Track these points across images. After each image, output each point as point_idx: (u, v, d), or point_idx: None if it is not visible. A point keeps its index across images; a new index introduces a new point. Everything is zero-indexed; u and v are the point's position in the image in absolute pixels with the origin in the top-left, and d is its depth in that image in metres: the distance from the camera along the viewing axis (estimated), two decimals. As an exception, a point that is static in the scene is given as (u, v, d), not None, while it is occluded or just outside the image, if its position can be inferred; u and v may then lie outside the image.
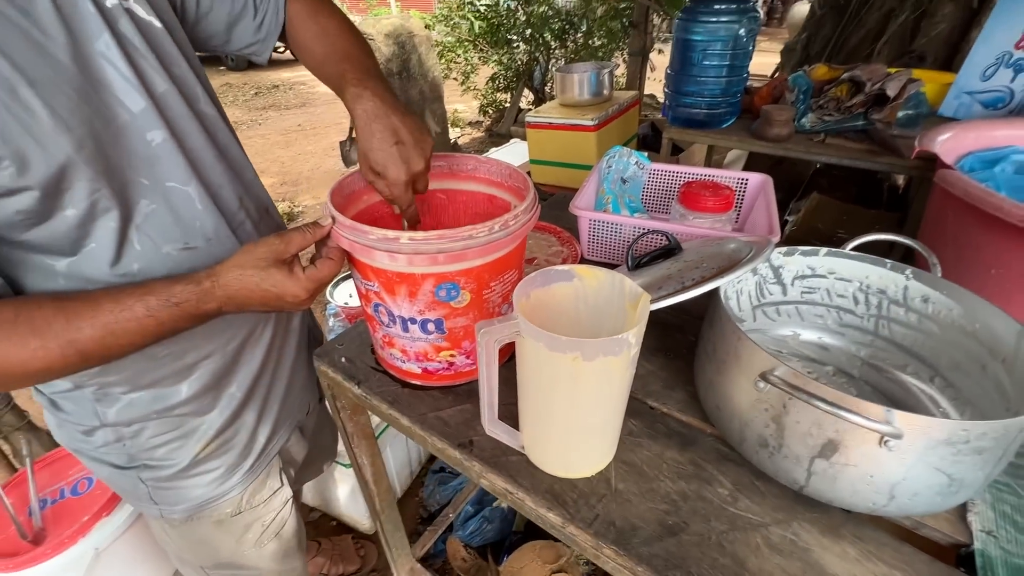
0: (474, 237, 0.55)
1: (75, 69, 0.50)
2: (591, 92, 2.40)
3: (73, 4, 0.50)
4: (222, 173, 0.65)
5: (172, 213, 0.59)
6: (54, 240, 0.52)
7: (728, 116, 1.74)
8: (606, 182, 1.06)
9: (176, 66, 0.60)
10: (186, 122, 0.60)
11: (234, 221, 0.66)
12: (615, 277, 0.53)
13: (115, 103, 0.54)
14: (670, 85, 1.76)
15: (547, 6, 4.57)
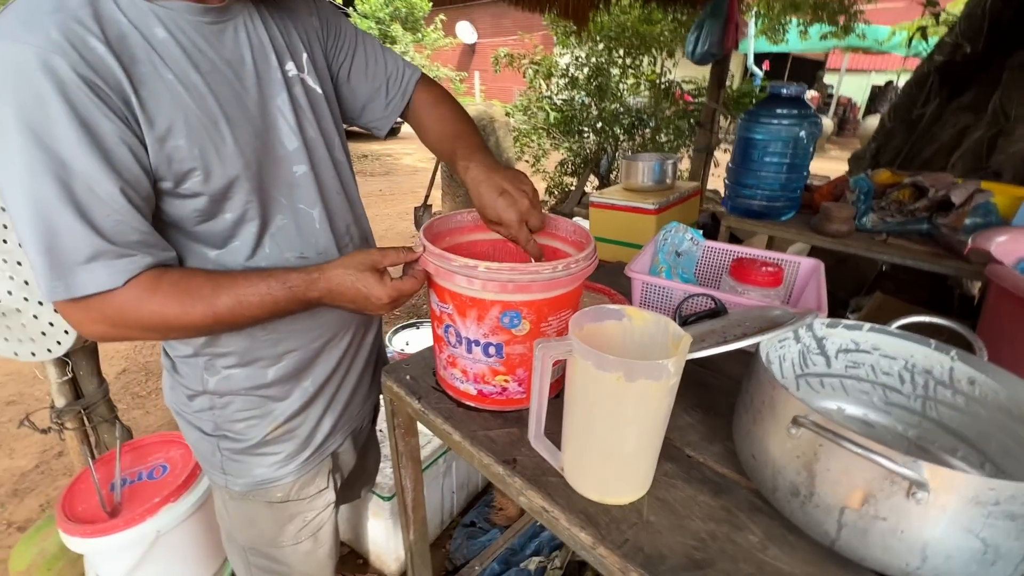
0: (539, 272, 0.64)
1: (257, 114, 0.68)
2: (654, 179, 2.55)
3: (267, 71, 0.69)
4: (340, 204, 0.80)
5: (297, 228, 0.74)
6: (212, 235, 0.68)
7: (787, 210, 1.80)
8: (661, 253, 1.14)
9: (324, 121, 0.78)
10: (323, 162, 0.77)
11: (341, 242, 0.80)
12: (661, 319, 0.60)
13: (277, 142, 0.71)
14: (731, 177, 1.87)
15: (618, 103, 4.96)
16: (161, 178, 0.61)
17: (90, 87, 0.53)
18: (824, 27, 6.33)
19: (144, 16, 0.59)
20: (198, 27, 0.63)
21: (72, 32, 0.53)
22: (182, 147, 0.61)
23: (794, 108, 1.65)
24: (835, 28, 6.15)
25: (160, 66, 0.59)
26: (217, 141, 0.63)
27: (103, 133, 0.55)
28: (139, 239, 0.59)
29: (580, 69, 4.90)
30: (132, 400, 2.48)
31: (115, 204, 0.56)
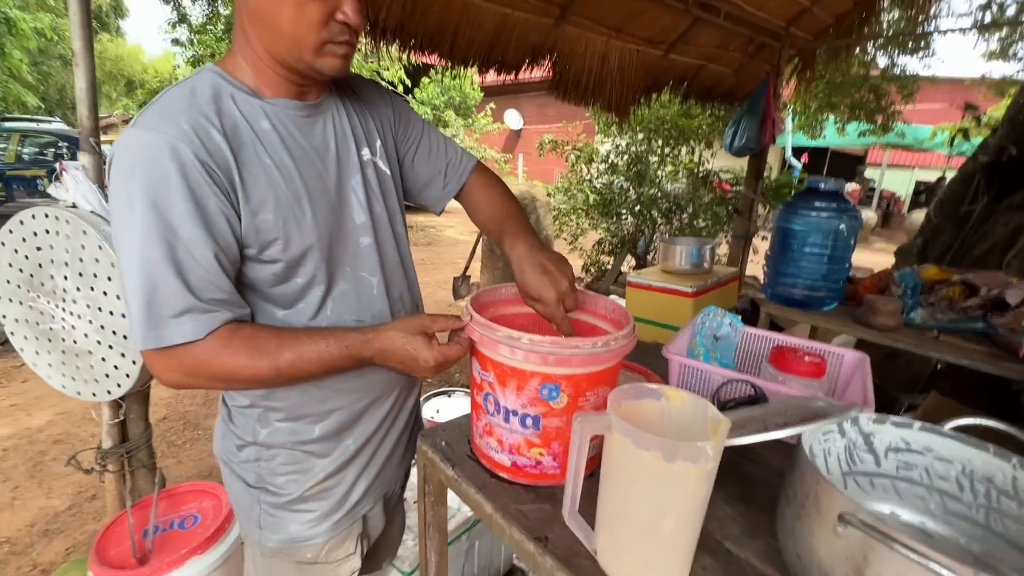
0: (579, 348, 0.67)
1: (334, 193, 0.77)
2: (691, 263, 2.58)
3: (347, 156, 0.79)
4: (397, 273, 0.87)
5: (357, 295, 0.81)
6: (282, 296, 0.75)
7: (830, 300, 1.78)
8: (699, 336, 1.15)
9: (390, 199, 0.87)
10: (385, 235, 0.85)
11: (395, 308, 0.86)
12: (700, 401, 0.61)
13: (348, 216, 0.79)
14: (770, 265, 1.88)
15: (657, 189, 5.13)
16: (248, 245, 0.70)
17: (205, 169, 0.63)
18: (862, 125, 6.49)
19: (254, 111, 0.70)
20: (295, 120, 0.74)
21: (198, 124, 0.64)
22: (269, 220, 0.69)
23: (832, 202, 1.68)
24: (873, 126, 6.30)
25: (261, 152, 0.69)
26: (299, 215, 0.72)
27: (209, 207, 0.64)
28: (223, 298, 0.67)
29: (620, 156, 5.15)
30: (167, 448, 2.54)
31: (208, 266, 0.65)
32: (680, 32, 3.01)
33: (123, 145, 0.62)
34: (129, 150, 0.62)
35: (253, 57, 0.70)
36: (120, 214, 0.62)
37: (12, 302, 1.38)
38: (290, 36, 0.67)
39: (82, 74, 1.23)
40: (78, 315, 1.32)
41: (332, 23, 0.67)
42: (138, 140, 0.62)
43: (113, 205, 0.63)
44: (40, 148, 7.17)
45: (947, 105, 11.95)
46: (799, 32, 3.43)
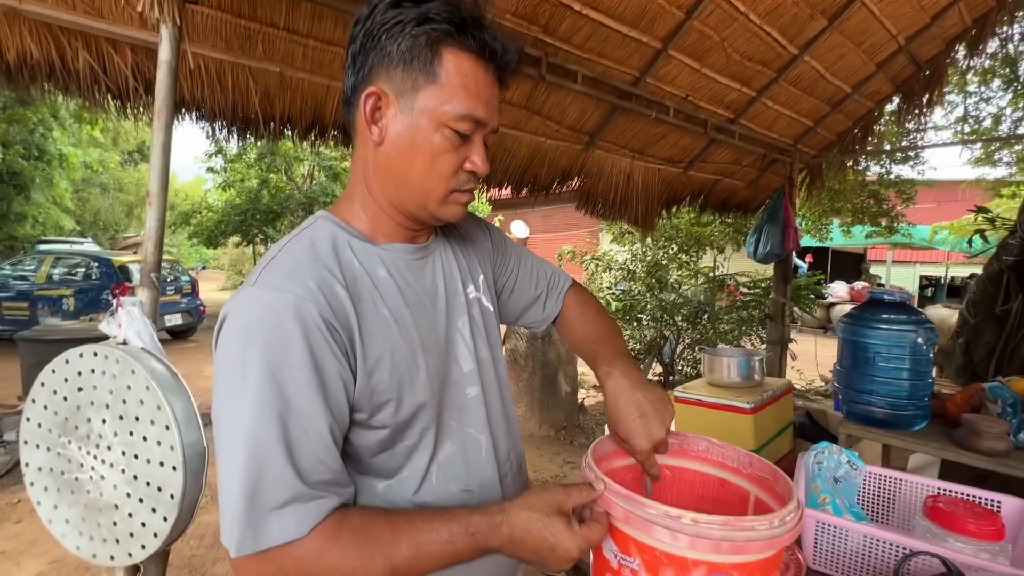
0: (756, 530, 0.55)
1: (443, 339, 0.69)
2: (742, 375, 2.45)
3: (455, 296, 0.73)
4: (503, 427, 0.76)
5: (464, 456, 0.69)
6: (384, 466, 0.64)
7: (917, 419, 1.63)
8: (819, 479, 1.00)
9: (493, 338, 0.79)
10: (491, 382, 0.75)
11: (502, 470, 0.74)
12: None
13: (454, 363, 0.71)
14: (841, 380, 1.76)
15: (676, 294, 5.14)
16: (359, 410, 0.60)
17: (329, 330, 0.56)
18: (868, 227, 6.70)
19: (371, 258, 0.65)
20: (408, 264, 0.69)
21: (324, 281, 0.58)
22: (384, 380, 0.61)
23: (903, 313, 1.61)
24: (879, 228, 6.49)
25: (380, 303, 0.63)
26: (413, 371, 0.63)
27: (328, 371, 0.56)
28: (331, 478, 0.56)
29: (638, 263, 5.24)
30: (170, 606, 2.22)
31: (321, 442, 0.55)
32: (697, 152, 3.19)
33: (242, 305, 0.56)
34: (248, 311, 0.56)
35: (372, 205, 0.67)
36: (230, 383, 0.54)
37: (39, 448, 1.26)
38: (418, 187, 0.64)
39: (154, 213, 1.24)
40: (110, 463, 1.19)
41: (460, 172, 0.65)
42: (260, 301, 0.56)
43: (221, 372, 0.55)
44: (69, 268, 7.40)
45: (937, 205, 12.51)
46: (805, 148, 3.64)
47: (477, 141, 0.64)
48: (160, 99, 1.20)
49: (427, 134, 0.61)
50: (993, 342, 3.67)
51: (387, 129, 0.63)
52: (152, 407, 1.15)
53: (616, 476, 0.79)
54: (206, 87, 1.64)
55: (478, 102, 0.62)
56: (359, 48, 0.63)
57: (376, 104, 0.62)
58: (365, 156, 0.66)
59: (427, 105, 0.61)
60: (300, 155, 10.05)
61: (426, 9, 0.59)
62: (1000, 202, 6.88)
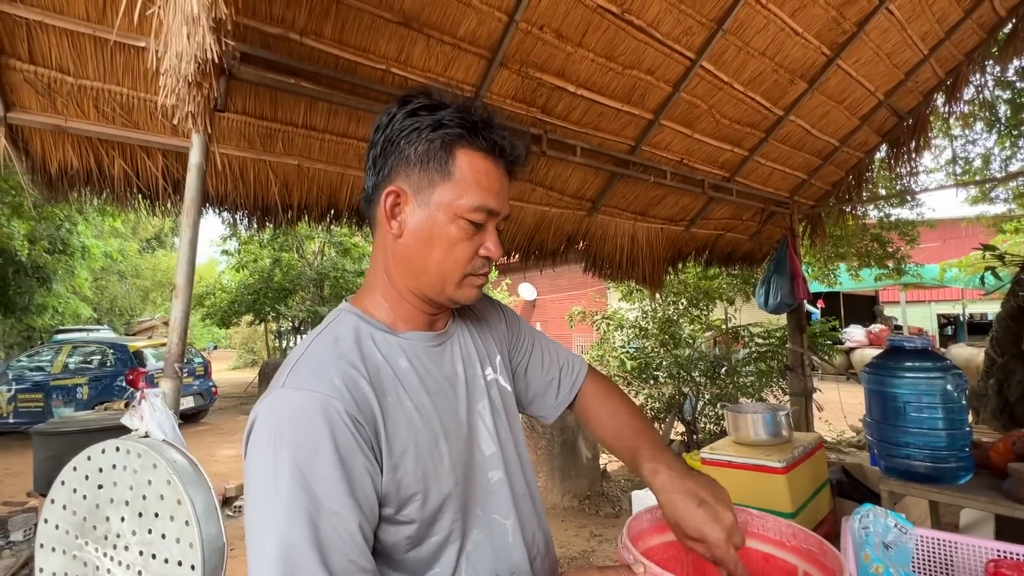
0: None
1: (464, 424, 0.69)
2: (768, 432, 2.36)
3: (474, 379, 0.74)
4: (528, 509, 0.74)
5: (491, 544, 0.67)
6: (416, 562, 0.61)
7: (962, 472, 1.55)
8: (868, 547, 0.95)
9: (513, 418, 0.78)
10: (514, 464, 0.74)
11: (531, 554, 0.71)
12: None
13: (476, 448, 0.70)
14: (874, 433, 1.70)
15: (691, 349, 5.08)
16: (386, 505, 0.59)
17: (355, 426, 0.57)
18: (876, 270, 6.70)
19: (392, 348, 0.67)
20: (428, 351, 0.70)
21: (349, 377, 0.59)
22: (409, 472, 0.60)
23: (927, 360, 1.58)
24: (887, 270, 6.49)
25: (403, 395, 0.64)
26: (437, 460, 0.63)
27: (356, 467, 0.56)
28: None
29: (648, 321, 5.23)
30: None
31: (352, 542, 0.54)
32: (698, 210, 3.28)
33: (271, 408, 0.57)
34: (278, 414, 0.56)
35: (393, 294, 0.70)
36: (261, 487, 0.54)
37: (55, 551, 1.23)
38: (436, 275, 0.67)
39: (180, 305, 1.28)
40: (127, 564, 1.16)
41: (476, 258, 0.68)
42: (289, 402, 0.57)
43: (253, 474, 0.55)
44: (85, 357, 7.45)
45: (942, 243, 12.54)
46: (802, 199, 3.74)
47: (491, 229, 0.68)
48: (189, 198, 1.28)
49: (443, 226, 0.65)
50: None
51: (406, 223, 0.66)
52: (172, 502, 1.13)
53: (652, 556, 0.76)
54: (229, 183, 1.75)
55: (490, 194, 0.66)
56: (379, 152, 0.68)
57: (396, 201, 0.66)
58: (385, 248, 0.69)
59: (443, 200, 0.65)
60: (311, 233, 10.40)
61: (440, 116, 0.65)
62: (1004, 237, 6.91)
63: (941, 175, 6.94)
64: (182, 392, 5.58)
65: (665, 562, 0.76)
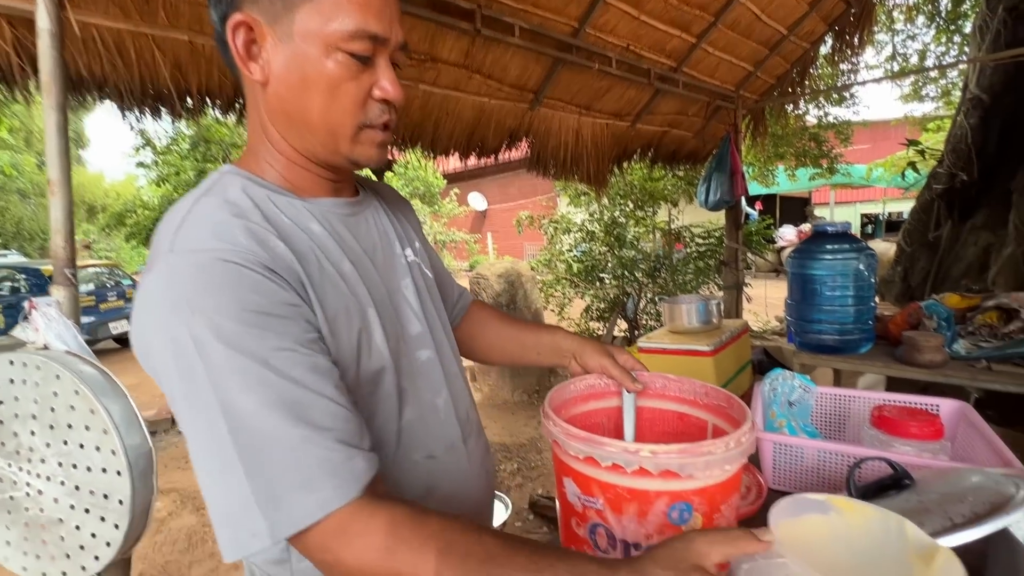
0: (713, 453, 0.54)
1: (388, 300, 0.64)
2: (700, 320, 2.51)
3: (392, 257, 0.68)
4: (459, 388, 0.73)
5: (425, 422, 0.64)
6: None
7: (863, 343, 1.71)
8: (774, 405, 1.03)
9: (438, 304, 0.74)
10: (444, 345, 0.71)
11: (464, 433, 0.70)
12: (890, 519, 0.46)
13: (404, 327, 0.66)
14: (793, 313, 1.82)
15: (635, 250, 5.21)
16: None
17: (275, 276, 0.50)
18: (811, 170, 6.94)
19: (300, 213, 0.58)
20: (342, 220, 0.62)
21: (255, 235, 0.51)
22: (344, 341, 0.55)
23: (846, 243, 1.67)
24: (821, 170, 6.74)
25: (322, 258, 0.56)
26: (370, 332, 0.58)
27: (293, 315, 0.49)
28: (357, 428, 0.49)
29: (596, 223, 5.26)
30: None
31: (320, 384, 0.48)
32: (644, 104, 3.17)
33: (165, 276, 0.47)
34: (175, 280, 0.47)
35: (280, 158, 0.59)
36: (187, 370, 0.45)
37: (-37, 471, 1.16)
38: (323, 128, 0.55)
39: (59, 203, 1.12)
40: (47, 476, 1.11)
41: (370, 103, 0.56)
42: (186, 264, 0.47)
43: (168, 360, 0.46)
44: (-7, 284, 6.81)
45: (872, 145, 13.09)
46: (747, 94, 3.68)
47: (382, 64, 0.56)
48: (46, 72, 1.08)
49: (317, 62, 0.52)
50: (927, 267, 3.91)
51: (270, 65, 0.54)
52: (84, 412, 1.07)
53: (576, 422, 0.78)
54: (105, 61, 1.48)
55: (368, 12, 0.52)
56: None
57: (249, 37, 0.53)
58: (256, 102, 0.58)
59: (308, 27, 0.51)
60: (237, 141, 9.48)
61: None
62: (928, 136, 7.25)
63: (880, 72, 7.03)
64: (116, 316, 5.34)
65: (587, 428, 0.80)
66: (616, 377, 0.76)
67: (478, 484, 0.70)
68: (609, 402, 0.81)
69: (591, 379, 0.80)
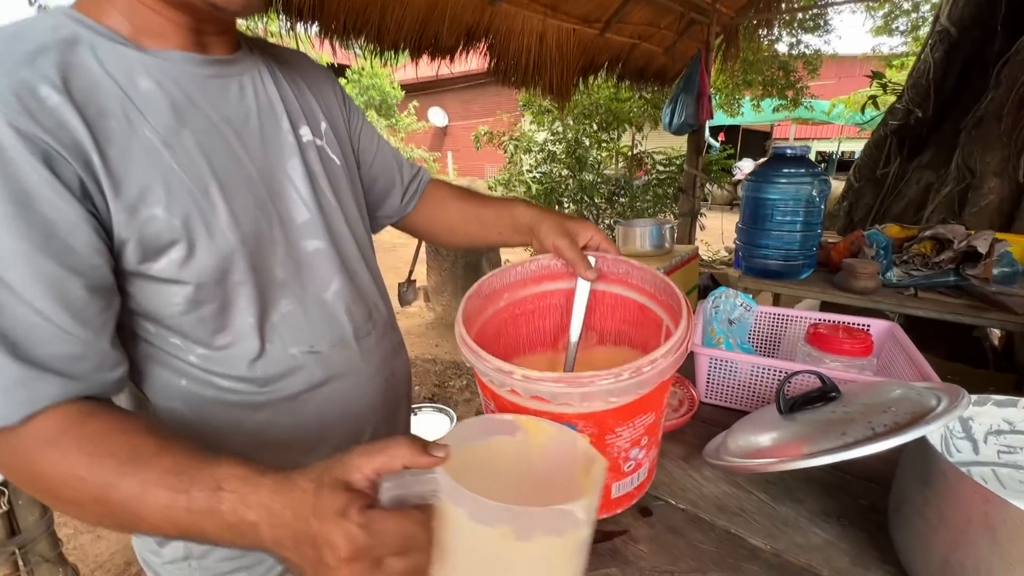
0: (596, 383, 0.49)
1: (260, 181, 0.56)
2: (653, 244, 2.51)
3: (276, 134, 0.58)
4: (360, 284, 0.67)
5: (306, 316, 0.60)
6: (196, 329, 0.53)
7: (805, 268, 1.75)
8: (715, 322, 1.03)
9: (344, 193, 0.66)
10: (342, 237, 0.64)
11: (359, 331, 0.66)
12: (566, 434, 0.45)
13: (284, 213, 0.58)
14: (743, 238, 1.82)
15: (596, 175, 5.11)
16: (125, 254, 0.47)
17: (38, 149, 0.41)
18: (775, 102, 6.87)
19: (127, 65, 0.47)
20: (197, 80, 0.52)
21: (23, 83, 0.41)
22: (160, 218, 0.48)
23: (801, 167, 1.64)
24: (786, 101, 6.67)
25: (137, 121, 0.47)
26: (207, 211, 0.50)
27: (44, 209, 0.41)
28: (67, 352, 0.43)
29: (557, 143, 5.07)
30: (80, 524, 2.12)
31: (39, 304, 0.41)
32: (614, 9, 2.92)
33: None
34: None
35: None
36: None
37: None
38: None
39: None
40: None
41: None
42: None
43: None
44: None
45: (837, 80, 13.07)
46: (723, 8, 3.47)
47: None
48: None
49: None
50: (871, 203, 4.04)
51: None
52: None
53: (527, 304, 0.74)
54: None
55: None
56: None
57: None
58: None
59: None
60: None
61: None
62: (891, 73, 7.25)
63: (856, 0, 6.83)
64: None
65: (543, 310, 0.76)
66: (570, 260, 0.69)
67: (373, 387, 0.67)
68: (570, 283, 0.75)
69: (545, 259, 0.73)
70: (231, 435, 0.57)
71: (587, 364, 0.70)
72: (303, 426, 0.60)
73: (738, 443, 0.68)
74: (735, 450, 0.67)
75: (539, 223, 0.72)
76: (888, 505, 0.59)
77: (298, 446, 0.60)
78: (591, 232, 0.71)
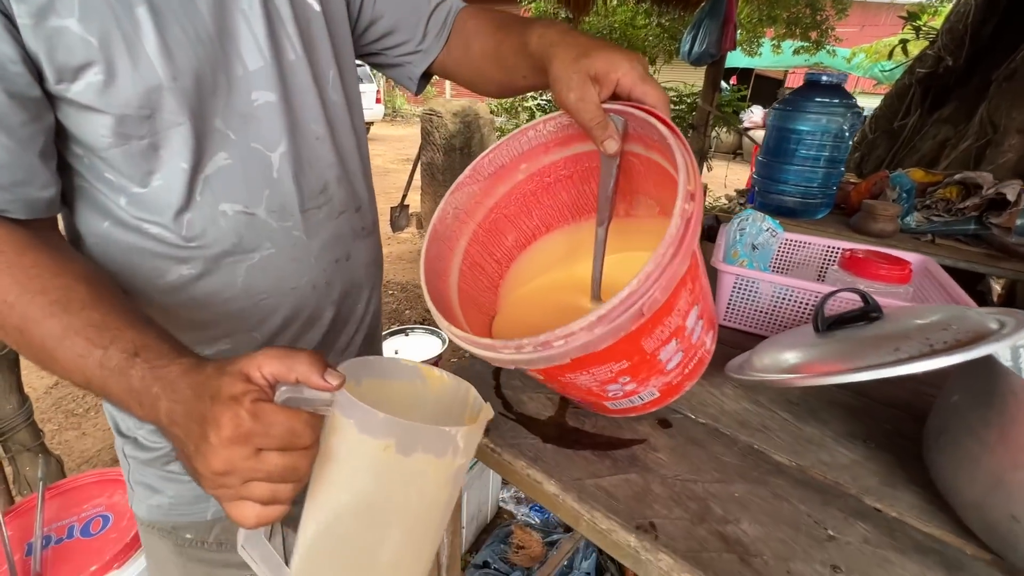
0: (552, 346, 0.41)
1: (207, 14, 0.48)
2: (662, 178, 2.41)
3: None
4: (319, 153, 0.59)
5: (244, 173, 0.53)
6: (127, 163, 0.48)
7: (822, 208, 1.68)
8: (739, 245, 0.97)
9: (315, 45, 0.57)
10: (303, 94, 0.56)
11: (307, 202, 0.59)
12: (462, 386, 0.48)
13: (234, 55, 0.51)
14: (761, 172, 1.73)
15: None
16: (46, 75, 0.42)
17: None
18: (797, 44, 6.51)
19: None
20: None
21: None
22: (71, 30, 0.41)
23: (836, 97, 1.53)
24: (808, 43, 6.32)
25: None
26: (129, 32, 0.44)
27: None
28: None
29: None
30: (65, 419, 2.12)
31: None
32: (645, -90, 2.63)
33: None
34: None
35: None
36: None
37: None
38: None
39: None
40: None
41: None
42: None
43: None
44: None
45: (860, 28, 12.41)
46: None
47: None
48: None
49: None
50: (883, 156, 3.92)
51: None
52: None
53: (548, 174, 0.64)
54: None
55: None
56: None
57: None
58: None
59: None
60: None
61: None
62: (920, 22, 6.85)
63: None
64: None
65: (571, 176, 0.65)
66: (586, 126, 0.48)
67: (318, 265, 0.61)
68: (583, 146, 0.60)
69: (565, 118, 0.55)
70: (147, 287, 0.53)
71: (622, 235, 0.61)
72: (232, 290, 0.56)
73: (763, 361, 0.64)
74: (761, 368, 0.63)
75: (551, 58, 0.50)
76: (924, 429, 0.56)
77: (229, 313, 0.56)
78: (621, 70, 0.47)
